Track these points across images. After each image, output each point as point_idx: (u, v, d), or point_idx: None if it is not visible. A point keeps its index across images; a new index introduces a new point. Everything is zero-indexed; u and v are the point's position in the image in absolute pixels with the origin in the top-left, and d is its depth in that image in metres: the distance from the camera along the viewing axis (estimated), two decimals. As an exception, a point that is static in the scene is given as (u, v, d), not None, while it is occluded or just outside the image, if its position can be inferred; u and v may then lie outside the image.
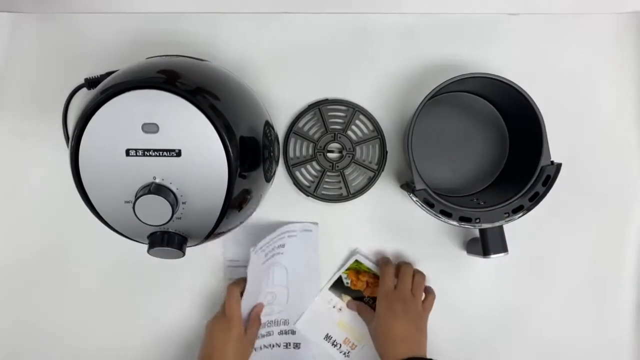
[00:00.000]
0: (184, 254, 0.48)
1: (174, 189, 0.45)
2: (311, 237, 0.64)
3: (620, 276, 0.65)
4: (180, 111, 0.44)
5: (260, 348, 0.63)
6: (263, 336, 0.63)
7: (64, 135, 0.60)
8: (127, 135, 0.44)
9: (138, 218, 0.44)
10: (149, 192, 0.44)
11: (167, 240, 0.47)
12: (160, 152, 0.44)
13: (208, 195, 0.46)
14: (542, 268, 0.64)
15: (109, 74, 0.55)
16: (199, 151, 0.45)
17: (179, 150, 0.44)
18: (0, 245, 0.63)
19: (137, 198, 0.44)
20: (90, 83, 0.59)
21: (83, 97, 0.61)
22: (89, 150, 0.45)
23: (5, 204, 0.63)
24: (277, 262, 0.63)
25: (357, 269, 0.64)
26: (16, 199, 0.63)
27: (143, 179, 0.45)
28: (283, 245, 0.63)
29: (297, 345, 0.64)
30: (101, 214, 0.47)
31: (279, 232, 0.62)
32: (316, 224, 0.64)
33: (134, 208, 0.44)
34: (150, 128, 0.44)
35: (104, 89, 0.45)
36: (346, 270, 0.64)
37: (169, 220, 0.45)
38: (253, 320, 0.61)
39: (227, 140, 0.45)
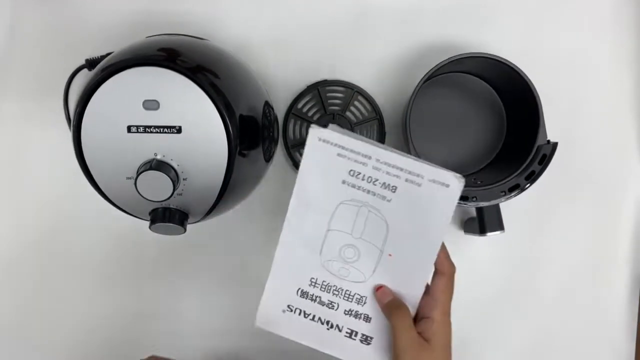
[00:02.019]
0: (185, 230, 0.49)
1: (174, 165, 0.46)
2: (444, 197, 0.41)
3: (615, 254, 0.66)
4: (180, 88, 0.45)
5: (305, 316, 0.45)
6: (317, 302, 0.45)
7: (66, 117, 0.61)
8: (129, 112, 0.45)
9: (140, 194, 0.45)
10: (151, 168, 0.44)
11: (169, 216, 0.48)
12: (161, 129, 0.45)
13: (208, 172, 0.47)
14: (538, 246, 0.65)
15: (109, 54, 0.56)
16: (200, 128, 0.45)
17: (180, 127, 0.45)
18: (3, 225, 0.64)
19: (138, 174, 0.45)
20: (91, 64, 0.59)
21: (84, 78, 0.61)
22: (91, 128, 0.45)
23: (8, 185, 0.64)
24: (375, 208, 0.42)
25: None
26: (19, 180, 0.64)
27: (144, 156, 0.46)
28: (394, 189, 0.41)
29: (366, 340, 0.45)
30: (104, 190, 0.48)
31: (395, 159, 0.40)
32: (460, 177, 0.41)
33: (135, 184, 0.45)
34: (151, 105, 0.44)
35: (104, 67, 0.45)
36: None
37: (170, 196, 0.45)
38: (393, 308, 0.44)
39: (227, 118, 0.45)
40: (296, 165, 0.64)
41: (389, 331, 0.45)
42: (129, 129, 0.45)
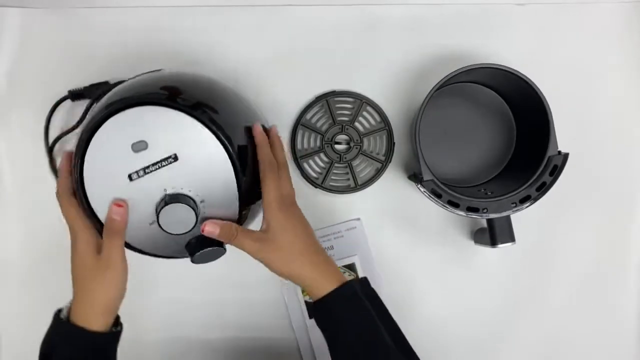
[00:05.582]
0: (225, 250, 0.48)
1: (187, 192, 0.45)
2: (357, 234, 0.64)
3: (626, 264, 0.65)
4: (166, 120, 0.44)
5: None
6: None
7: (46, 149, 0.61)
8: (122, 160, 0.44)
9: (168, 232, 0.45)
10: (166, 204, 0.44)
11: (205, 242, 0.47)
12: (159, 164, 0.44)
13: (221, 187, 0.46)
14: (549, 257, 0.65)
15: (92, 86, 0.58)
16: (195, 150, 0.45)
17: (175, 155, 0.44)
18: (17, 236, 0.64)
19: (158, 215, 0.44)
20: (74, 95, 0.60)
21: (67, 110, 0.62)
22: (95, 189, 0.45)
23: (21, 196, 0.64)
24: None
25: None
26: (31, 192, 0.64)
27: (156, 196, 0.45)
28: (332, 248, 0.64)
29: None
30: (133, 245, 0.48)
31: (324, 232, 0.64)
32: (359, 219, 0.64)
33: (160, 225, 0.45)
34: (139, 146, 0.44)
35: (86, 125, 0.45)
36: (303, 292, 0.64)
37: (196, 222, 0.45)
38: (109, 229, 0.45)
39: (217, 132, 0.45)
40: (305, 175, 0.63)
41: None
42: (130, 177, 0.44)
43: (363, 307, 0.48)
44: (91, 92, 0.60)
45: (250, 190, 0.48)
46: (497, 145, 0.63)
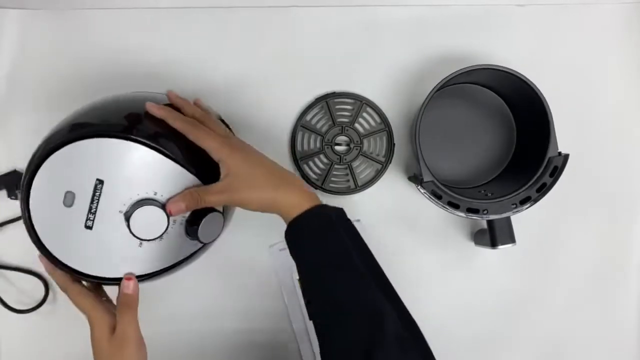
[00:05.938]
0: (220, 212, 0.48)
1: (136, 197, 0.45)
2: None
3: (626, 266, 0.65)
4: (68, 158, 0.44)
5: None
6: None
7: None
8: (69, 219, 0.44)
9: (152, 239, 0.45)
10: (128, 219, 0.44)
11: (196, 218, 0.46)
12: (95, 198, 0.44)
13: (159, 169, 0.45)
14: (549, 258, 0.65)
15: (3, 176, 0.60)
16: (109, 162, 0.44)
17: (98, 179, 0.44)
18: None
19: (134, 233, 0.44)
20: None
21: None
22: (65, 254, 0.45)
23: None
24: None
25: None
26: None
27: (120, 221, 0.45)
28: None
29: None
30: (147, 271, 0.48)
31: None
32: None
33: (143, 239, 0.45)
34: (68, 199, 0.44)
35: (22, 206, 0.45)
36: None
37: (166, 212, 0.45)
38: (122, 304, 0.47)
39: (111, 132, 0.44)
40: (305, 177, 0.63)
41: None
42: (88, 227, 0.44)
43: (336, 231, 0.47)
44: (2, 182, 0.61)
45: (188, 152, 0.47)
46: (497, 146, 0.63)
